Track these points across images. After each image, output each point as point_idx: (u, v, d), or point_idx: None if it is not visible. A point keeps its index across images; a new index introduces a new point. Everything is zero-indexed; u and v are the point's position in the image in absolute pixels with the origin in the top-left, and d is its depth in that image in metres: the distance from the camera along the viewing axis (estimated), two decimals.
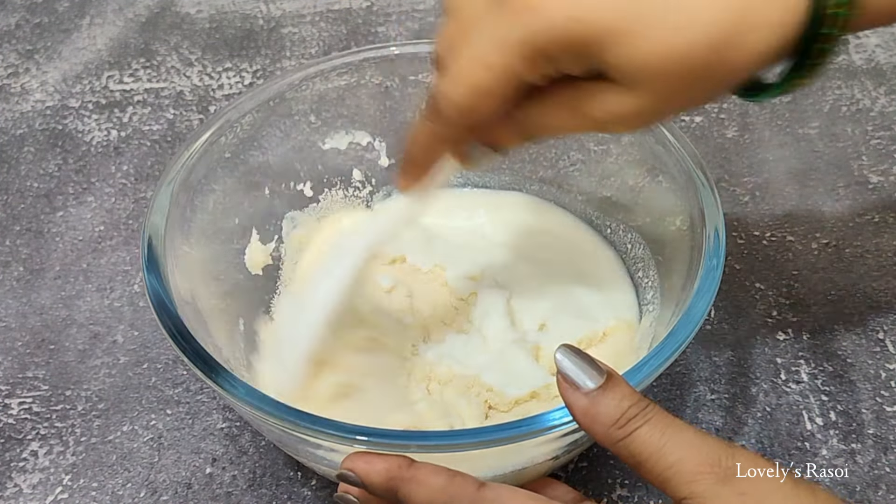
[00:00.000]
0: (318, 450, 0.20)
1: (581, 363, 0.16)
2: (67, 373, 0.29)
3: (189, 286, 0.23)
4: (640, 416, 0.16)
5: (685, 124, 0.38)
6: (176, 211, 0.23)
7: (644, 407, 0.16)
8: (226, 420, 0.28)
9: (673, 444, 0.15)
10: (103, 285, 0.32)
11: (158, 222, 0.23)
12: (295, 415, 0.18)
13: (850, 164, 0.36)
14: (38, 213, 0.35)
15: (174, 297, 0.21)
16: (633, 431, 0.15)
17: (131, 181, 0.37)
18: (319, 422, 0.18)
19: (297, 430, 0.18)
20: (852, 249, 0.32)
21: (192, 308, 0.22)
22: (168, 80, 0.42)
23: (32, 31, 0.46)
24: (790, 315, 0.30)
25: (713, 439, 0.15)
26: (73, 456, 0.27)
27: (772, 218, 0.34)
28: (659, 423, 0.16)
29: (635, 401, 0.16)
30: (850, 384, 0.28)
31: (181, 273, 0.23)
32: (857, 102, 0.39)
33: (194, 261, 0.24)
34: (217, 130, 0.26)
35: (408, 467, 0.17)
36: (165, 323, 0.20)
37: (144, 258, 0.22)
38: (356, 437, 0.17)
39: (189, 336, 0.20)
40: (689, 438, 0.15)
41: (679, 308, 0.22)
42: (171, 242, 0.23)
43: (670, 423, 0.16)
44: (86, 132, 0.39)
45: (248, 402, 0.18)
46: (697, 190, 0.24)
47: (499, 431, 0.17)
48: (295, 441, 0.19)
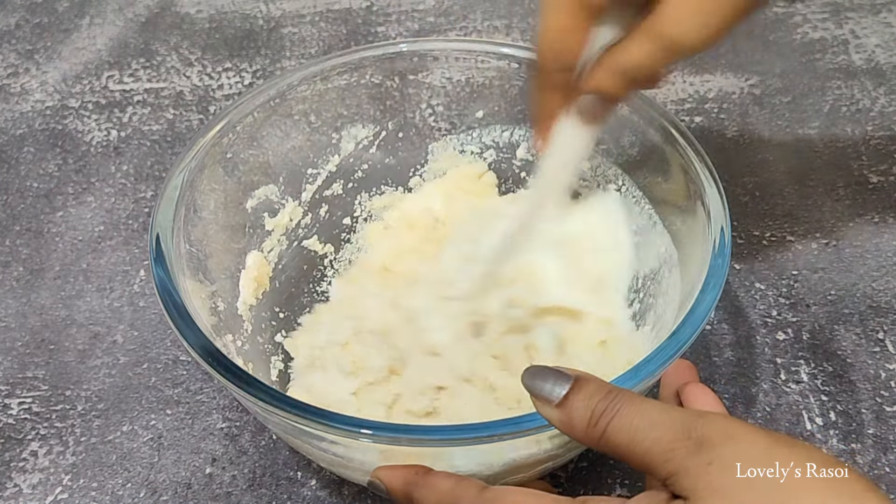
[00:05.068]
0: (322, 442, 0.20)
1: (545, 376, 0.17)
2: (67, 373, 0.29)
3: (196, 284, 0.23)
4: (609, 410, 0.16)
5: (685, 123, 0.38)
6: (181, 210, 0.24)
7: (612, 399, 0.16)
8: (226, 420, 0.28)
9: (643, 429, 0.15)
10: (103, 285, 0.32)
11: (165, 220, 0.23)
12: (303, 409, 0.18)
13: (850, 164, 0.36)
14: (38, 213, 0.36)
15: (181, 292, 0.21)
16: (606, 427, 0.16)
17: (131, 181, 0.37)
18: (327, 416, 0.18)
19: (305, 424, 0.18)
20: (852, 249, 0.32)
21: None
22: (168, 81, 0.42)
23: (32, 31, 0.46)
24: (790, 315, 0.30)
25: (679, 412, 0.16)
26: (72, 456, 0.27)
27: (772, 218, 0.34)
28: (627, 412, 0.16)
29: (602, 395, 0.16)
30: (850, 384, 0.28)
31: (188, 268, 0.23)
32: (856, 102, 0.39)
33: (202, 256, 0.24)
34: (222, 129, 0.26)
35: (423, 474, 0.18)
36: (174, 317, 0.20)
37: (152, 251, 0.22)
38: (361, 431, 0.18)
39: (199, 331, 0.20)
40: (656, 418, 0.15)
41: (682, 307, 0.22)
42: (177, 240, 0.23)
43: (638, 409, 0.16)
44: (85, 132, 0.39)
45: (269, 401, 0.18)
46: (703, 189, 0.24)
47: (495, 427, 0.18)
48: (299, 433, 0.20)
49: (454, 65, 0.29)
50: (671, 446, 0.15)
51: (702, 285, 0.21)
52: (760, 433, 0.15)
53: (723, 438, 0.15)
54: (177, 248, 0.23)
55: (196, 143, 0.25)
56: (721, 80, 0.40)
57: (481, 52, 0.29)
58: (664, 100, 0.39)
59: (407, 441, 0.18)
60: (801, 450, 0.15)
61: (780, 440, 0.15)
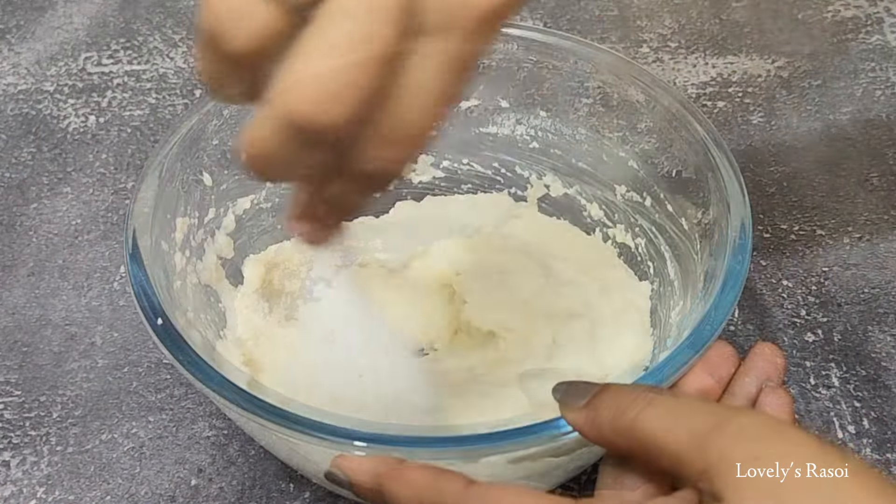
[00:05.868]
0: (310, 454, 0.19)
1: (575, 385, 0.17)
2: (41, 377, 0.28)
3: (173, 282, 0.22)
4: (640, 400, 0.15)
5: (707, 109, 0.37)
6: (161, 202, 0.23)
7: (643, 391, 0.16)
8: (212, 428, 0.27)
9: (681, 416, 0.15)
10: (80, 283, 0.31)
11: (142, 213, 0.22)
12: (287, 416, 0.17)
13: (885, 152, 0.35)
14: (10, 206, 0.34)
15: (158, 291, 0.20)
16: (635, 416, 0.15)
17: (110, 171, 0.36)
18: (314, 425, 0.17)
19: (288, 433, 0.17)
20: (887, 244, 0.31)
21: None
22: (150, 62, 0.41)
23: (3, 8, 0.44)
24: (820, 315, 0.29)
25: (722, 405, 0.15)
26: (47, 467, 0.26)
27: (800, 210, 0.33)
28: (661, 400, 0.15)
29: (631, 390, 0.16)
30: (885, 389, 0.27)
31: (166, 267, 0.22)
32: (892, 86, 0.37)
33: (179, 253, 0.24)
34: (203, 117, 0.25)
35: (395, 465, 0.17)
36: (151, 319, 0.20)
37: (128, 250, 0.21)
38: (353, 443, 0.17)
39: (178, 335, 0.19)
40: (693, 407, 0.15)
41: (702, 307, 0.21)
42: (155, 235, 0.22)
43: (674, 398, 0.16)
44: (61, 118, 0.38)
45: (240, 405, 0.18)
46: (721, 180, 0.23)
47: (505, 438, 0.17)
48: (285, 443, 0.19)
49: None
50: (709, 437, 0.14)
51: (720, 284, 0.20)
52: (810, 434, 0.14)
53: (770, 433, 0.14)
54: (156, 243, 0.22)
55: (178, 129, 0.24)
56: (746, 61, 0.39)
57: None
58: (684, 83, 0.38)
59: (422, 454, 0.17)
60: (855, 459, 0.14)
61: (828, 444, 0.14)
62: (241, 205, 0.28)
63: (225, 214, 0.27)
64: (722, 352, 0.19)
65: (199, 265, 0.25)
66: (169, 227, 0.24)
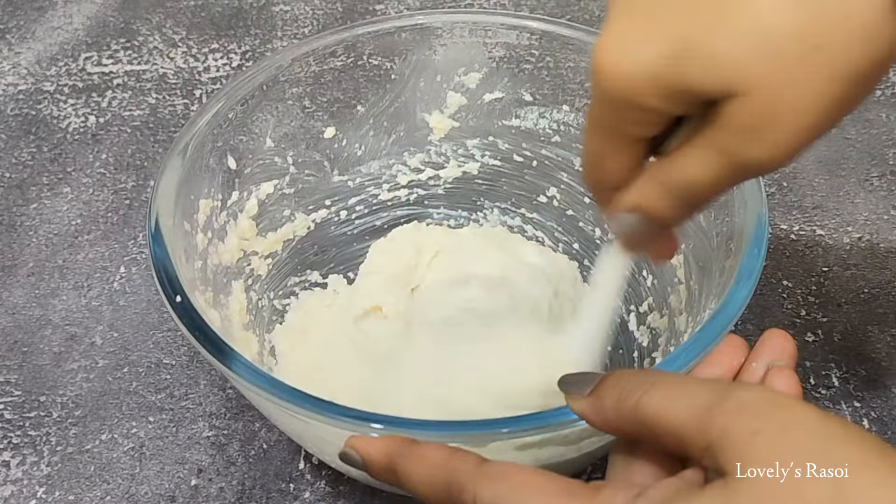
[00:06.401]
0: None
1: (581, 376, 0.17)
2: (42, 377, 0.29)
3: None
4: (644, 382, 0.15)
5: None
6: (185, 183, 0.23)
7: (646, 374, 0.16)
8: (212, 428, 0.27)
9: (681, 396, 0.15)
10: (80, 283, 0.32)
11: (166, 193, 0.22)
12: (303, 397, 0.18)
13: (885, 152, 0.35)
14: (10, 206, 0.35)
15: (178, 269, 0.21)
16: (638, 399, 0.15)
17: (110, 171, 0.36)
18: (330, 406, 0.17)
19: (304, 414, 0.18)
20: (887, 244, 0.32)
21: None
22: (150, 62, 0.41)
23: (3, 8, 0.45)
24: (819, 315, 0.30)
25: (722, 382, 0.15)
26: (47, 467, 0.26)
27: (800, 210, 0.33)
28: (664, 382, 0.15)
29: (635, 373, 0.16)
30: (885, 389, 0.27)
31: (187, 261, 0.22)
32: (892, 86, 0.38)
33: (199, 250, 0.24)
34: (229, 101, 0.25)
35: (408, 444, 0.17)
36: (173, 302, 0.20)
37: (150, 229, 0.21)
38: (370, 425, 0.17)
39: (198, 316, 0.19)
40: (695, 386, 0.15)
41: (715, 299, 0.21)
42: (178, 216, 0.22)
43: (676, 378, 0.15)
44: (62, 118, 0.38)
45: (266, 389, 0.18)
46: None
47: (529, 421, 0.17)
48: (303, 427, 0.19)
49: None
50: (710, 413, 0.14)
51: (736, 277, 0.20)
52: (811, 406, 0.14)
53: (770, 407, 0.14)
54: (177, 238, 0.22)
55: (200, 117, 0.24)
56: None
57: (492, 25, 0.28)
58: None
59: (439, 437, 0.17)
60: (857, 430, 0.14)
61: (831, 418, 0.14)
62: (265, 189, 0.28)
63: (248, 198, 0.27)
64: (732, 343, 0.19)
65: (220, 247, 0.25)
66: (192, 209, 0.24)
